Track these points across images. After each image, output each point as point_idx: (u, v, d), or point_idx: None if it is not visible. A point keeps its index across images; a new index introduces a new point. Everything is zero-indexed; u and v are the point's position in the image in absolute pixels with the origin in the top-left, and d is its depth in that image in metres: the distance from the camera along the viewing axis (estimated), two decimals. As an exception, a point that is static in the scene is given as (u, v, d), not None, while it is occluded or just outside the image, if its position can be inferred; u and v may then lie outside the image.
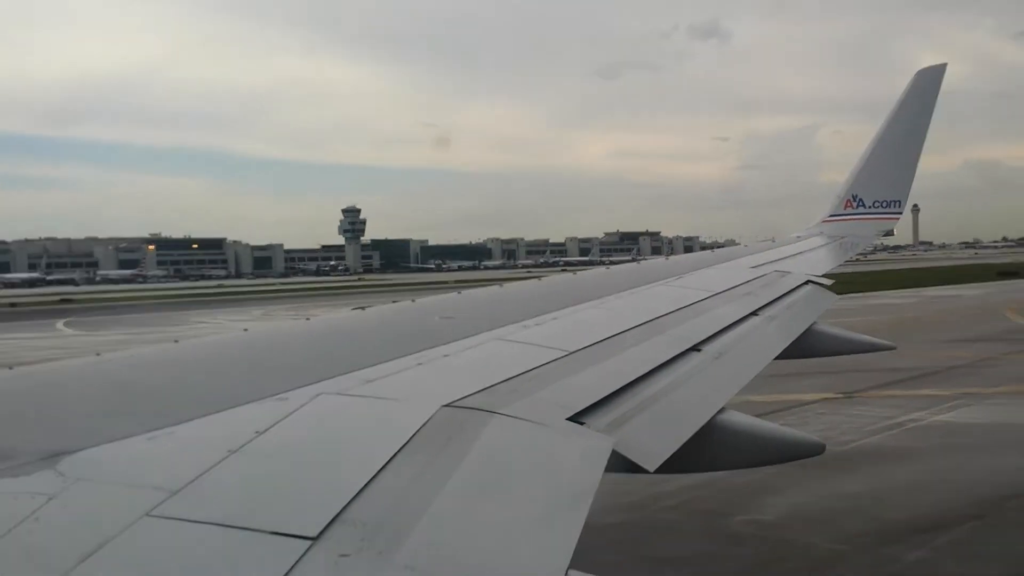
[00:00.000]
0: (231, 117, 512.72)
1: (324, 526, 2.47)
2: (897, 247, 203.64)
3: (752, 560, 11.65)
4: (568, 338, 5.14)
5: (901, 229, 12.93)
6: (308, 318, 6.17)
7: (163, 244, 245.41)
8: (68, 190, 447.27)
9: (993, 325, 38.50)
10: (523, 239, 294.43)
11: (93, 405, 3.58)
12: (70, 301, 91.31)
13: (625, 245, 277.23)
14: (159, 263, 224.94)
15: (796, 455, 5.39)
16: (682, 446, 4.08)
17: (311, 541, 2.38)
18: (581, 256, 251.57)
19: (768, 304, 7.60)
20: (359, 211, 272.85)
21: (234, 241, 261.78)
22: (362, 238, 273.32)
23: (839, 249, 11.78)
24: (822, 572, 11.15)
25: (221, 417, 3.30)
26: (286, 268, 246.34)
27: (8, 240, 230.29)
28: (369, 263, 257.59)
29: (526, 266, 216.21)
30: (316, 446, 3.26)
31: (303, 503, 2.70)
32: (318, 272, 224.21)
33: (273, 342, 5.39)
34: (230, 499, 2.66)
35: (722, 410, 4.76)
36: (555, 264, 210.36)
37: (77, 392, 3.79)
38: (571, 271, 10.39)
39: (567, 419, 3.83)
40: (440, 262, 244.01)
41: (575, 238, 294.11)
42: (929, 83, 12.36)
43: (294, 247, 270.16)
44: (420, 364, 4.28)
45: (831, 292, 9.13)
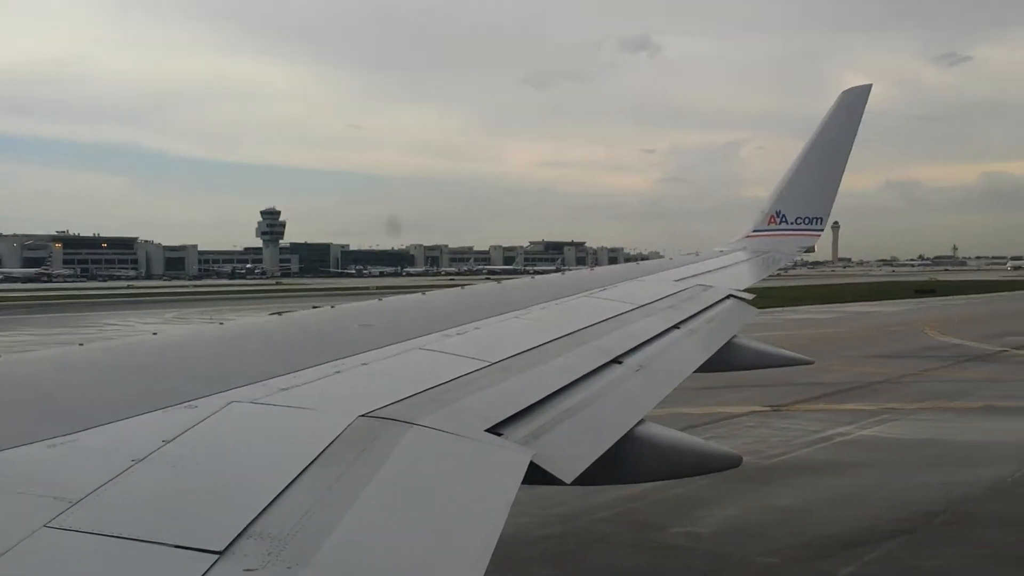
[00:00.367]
0: (145, 113, 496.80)
1: (231, 540, 2.40)
2: (817, 263, 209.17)
3: (688, 573, 11.66)
4: (490, 348, 5.15)
5: (821, 245, 13.18)
6: (221, 322, 5.96)
7: (71, 242, 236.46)
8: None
9: (913, 342, 39.54)
10: (447, 246, 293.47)
11: None
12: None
13: (550, 255, 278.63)
14: (66, 262, 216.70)
15: (713, 467, 5.54)
16: (600, 458, 4.10)
17: (217, 555, 2.32)
18: (505, 265, 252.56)
19: (690, 317, 7.72)
20: (278, 213, 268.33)
21: (145, 241, 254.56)
22: (281, 241, 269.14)
23: (761, 264, 11.95)
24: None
25: (126, 425, 3.19)
26: (200, 270, 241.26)
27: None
28: (287, 267, 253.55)
29: (449, 273, 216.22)
30: (225, 456, 3.14)
31: (210, 515, 2.62)
32: (233, 275, 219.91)
33: (183, 347, 5.20)
34: (134, 511, 2.57)
35: (641, 422, 4.79)
36: (479, 272, 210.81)
37: None
38: (496, 279, 10.14)
39: (486, 430, 3.80)
40: (361, 268, 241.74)
41: (499, 246, 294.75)
42: (854, 103, 12.61)
43: (209, 248, 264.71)
44: (338, 372, 4.23)
45: (751, 307, 9.29)
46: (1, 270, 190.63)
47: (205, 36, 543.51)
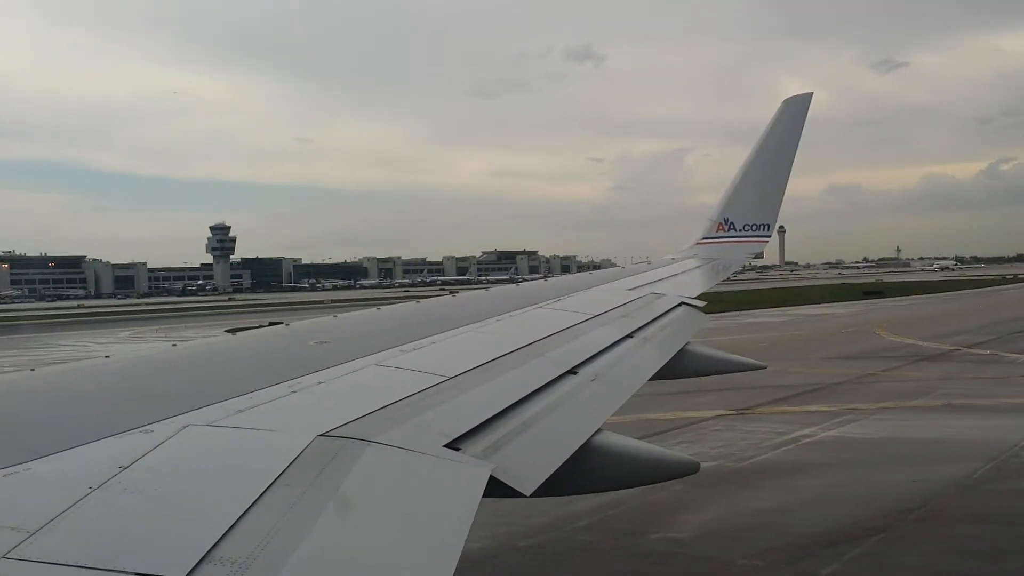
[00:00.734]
0: (89, 130, 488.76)
1: (192, 566, 2.40)
2: (765, 267, 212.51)
3: (675, 579, 11.78)
4: (447, 363, 5.18)
5: (768, 249, 13.52)
6: (174, 344, 5.96)
7: (17, 262, 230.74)
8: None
9: (867, 343, 40.34)
10: (400, 258, 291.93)
11: None
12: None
13: (503, 264, 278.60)
14: (13, 282, 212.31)
15: (672, 474, 5.62)
16: (560, 468, 4.15)
17: None
18: (459, 275, 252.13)
19: (643, 326, 7.85)
20: (228, 228, 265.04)
21: (93, 259, 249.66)
22: (232, 256, 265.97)
23: (712, 271, 12.19)
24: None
25: (82, 451, 3.15)
26: (150, 287, 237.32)
27: None
28: (239, 283, 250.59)
29: (403, 285, 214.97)
30: (183, 481, 3.11)
31: (169, 542, 2.61)
32: (184, 292, 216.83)
33: (138, 370, 5.12)
34: (92, 539, 2.55)
35: (598, 431, 4.85)
36: (433, 283, 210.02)
37: None
38: (450, 290, 10.26)
39: (445, 445, 3.82)
40: (314, 281, 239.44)
41: (452, 257, 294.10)
42: (796, 111, 12.91)
43: (158, 266, 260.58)
44: (294, 392, 4.22)
45: (702, 313, 9.51)
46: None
47: (147, 51, 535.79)
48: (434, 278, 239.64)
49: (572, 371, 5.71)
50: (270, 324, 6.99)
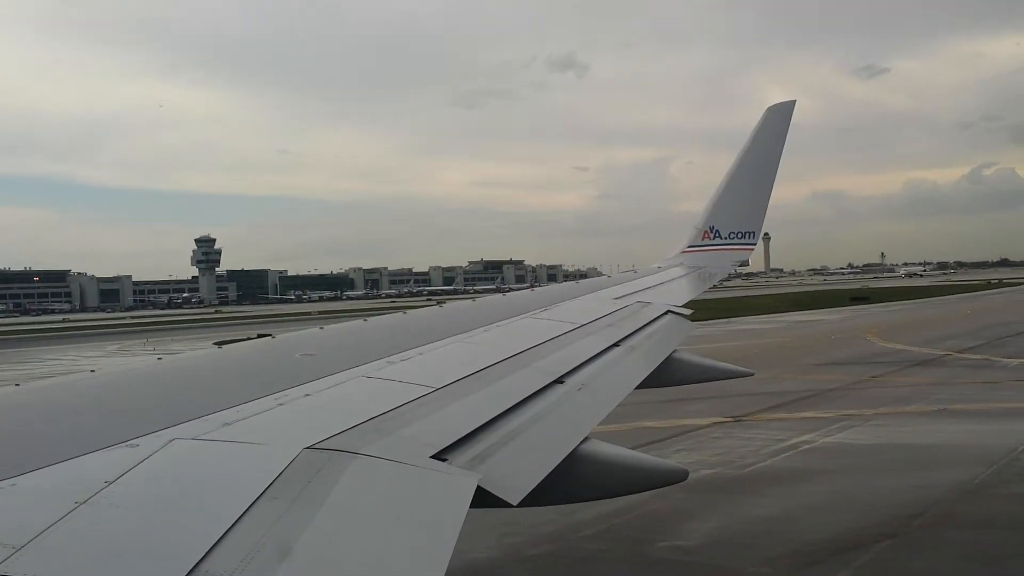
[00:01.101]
0: (73, 143, 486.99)
1: None
2: (750, 274, 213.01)
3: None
4: (434, 374, 5.19)
5: (753, 257, 13.57)
6: (160, 357, 5.94)
7: (1, 277, 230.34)
8: None
9: (858, 349, 40.46)
10: (386, 268, 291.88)
11: None
12: None
13: (489, 274, 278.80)
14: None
15: (660, 483, 5.57)
16: (547, 477, 4.15)
17: None
18: (445, 285, 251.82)
19: (630, 335, 7.86)
20: (214, 241, 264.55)
21: (79, 273, 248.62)
22: (217, 269, 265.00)
23: (698, 279, 12.24)
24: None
25: (68, 466, 3.13)
26: (135, 301, 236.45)
27: None
28: (225, 295, 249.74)
29: (390, 296, 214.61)
30: (170, 495, 3.10)
31: (156, 557, 2.60)
32: (170, 304, 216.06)
33: (123, 383, 5.09)
34: (78, 554, 2.54)
35: (586, 440, 4.85)
36: (419, 293, 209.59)
37: None
38: (437, 301, 10.21)
39: (432, 456, 3.82)
40: (300, 293, 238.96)
41: (439, 267, 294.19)
42: (779, 119, 12.99)
43: (144, 279, 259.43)
44: (281, 405, 4.21)
45: (689, 322, 9.52)
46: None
47: (132, 65, 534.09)
48: (420, 288, 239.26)
49: (559, 380, 5.73)
50: (259, 336, 6.98)
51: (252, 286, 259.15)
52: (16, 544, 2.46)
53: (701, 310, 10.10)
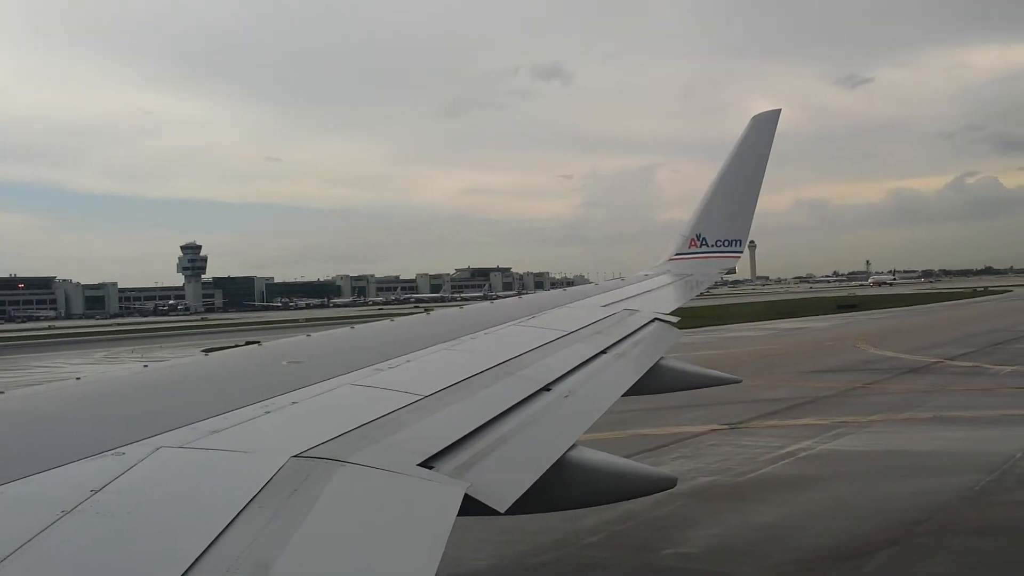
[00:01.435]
0: (59, 149, 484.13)
1: None
2: (737, 282, 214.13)
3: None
4: (421, 381, 5.19)
5: (740, 264, 13.53)
6: (146, 365, 5.89)
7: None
8: None
9: (849, 356, 40.62)
10: (373, 275, 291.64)
11: None
12: None
13: (477, 281, 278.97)
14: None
15: (649, 490, 5.61)
16: (535, 485, 4.15)
17: None
18: (432, 292, 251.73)
19: (617, 342, 7.88)
20: (199, 248, 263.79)
21: (63, 280, 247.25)
22: (203, 276, 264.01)
23: (685, 287, 12.26)
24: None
25: (53, 475, 3.11)
26: (121, 308, 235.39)
27: None
28: (211, 302, 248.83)
29: (377, 303, 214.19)
30: (156, 504, 3.08)
31: (142, 566, 2.60)
32: (156, 312, 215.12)
33: (109, 391, 5.05)
34: (64, 564, 2.53)
35: (573, 447, 4.84)
36: (407, 301, 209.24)
37: None
38: (424, 308, 10.17)
39: (419, 464, 3.82)
40: (287, 300, 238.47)
41: (426, 274, 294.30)
42: (764, 127, 13.02)
43: (129, 286, 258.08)
44: (268, 412, 4.21)
45: (676, 329, 9.54)
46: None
47: (119, 72, 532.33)
48: (408, 296, 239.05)
49: (546, 388, 5.74)
50: (247, 344, 6.99)
51: (238, 293, 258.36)
52: (2, 553, 2.44)
53: (689, 318, 10.07)
